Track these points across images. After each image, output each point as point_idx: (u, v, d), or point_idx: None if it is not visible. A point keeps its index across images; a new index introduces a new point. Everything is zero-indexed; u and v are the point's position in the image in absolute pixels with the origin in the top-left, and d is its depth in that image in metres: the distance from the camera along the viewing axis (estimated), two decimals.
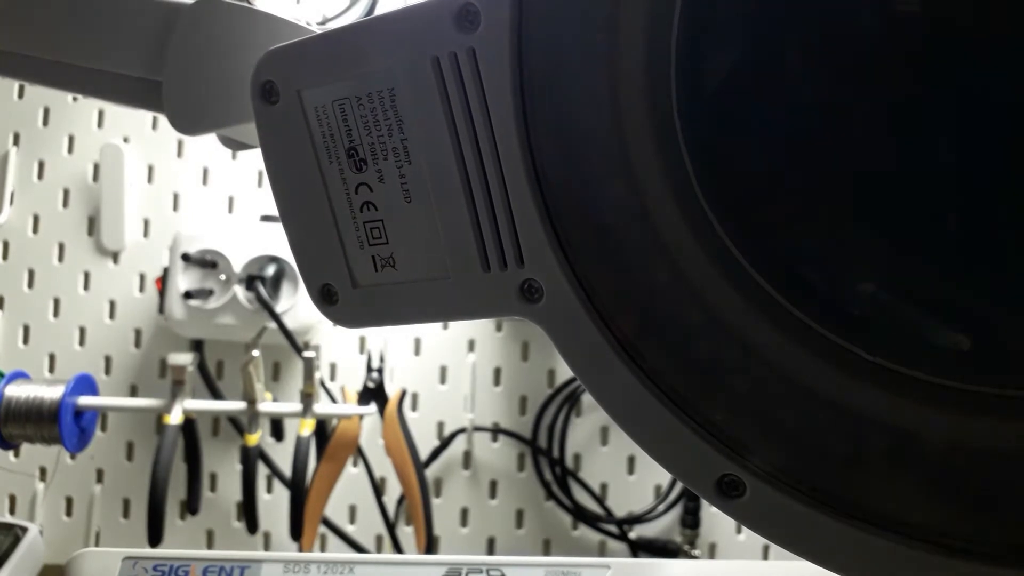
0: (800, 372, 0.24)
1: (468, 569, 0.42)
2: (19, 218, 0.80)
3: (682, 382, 0.25)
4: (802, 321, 0.25)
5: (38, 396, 0.64)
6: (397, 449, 0.71)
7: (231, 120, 0.39)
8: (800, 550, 0.23)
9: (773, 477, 0.23)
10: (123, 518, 0.78)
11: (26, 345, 0.79)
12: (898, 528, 0.23)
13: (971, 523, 0.22)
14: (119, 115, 0.80)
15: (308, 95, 0.27)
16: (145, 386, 0.79)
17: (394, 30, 0.25)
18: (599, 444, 0.78)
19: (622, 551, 0.77)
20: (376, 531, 0.78)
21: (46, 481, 0.78)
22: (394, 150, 0.26)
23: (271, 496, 0.78)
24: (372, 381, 0.73)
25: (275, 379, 0.79)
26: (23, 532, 0.54)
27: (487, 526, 0.78)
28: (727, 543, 0.76)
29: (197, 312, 0.72)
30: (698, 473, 0.24)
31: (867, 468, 0.24)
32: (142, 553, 0.43)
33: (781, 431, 0.24)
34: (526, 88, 0.24)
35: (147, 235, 0.80)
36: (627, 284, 0.25)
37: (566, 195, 0.25)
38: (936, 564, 0.22)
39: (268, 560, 0.43)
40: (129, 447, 0.79)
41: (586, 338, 0.25)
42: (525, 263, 0.25)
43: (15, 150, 0.80)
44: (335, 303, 0.29)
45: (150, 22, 0.39)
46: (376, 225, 0.28)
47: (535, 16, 0.24)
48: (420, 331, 0.78)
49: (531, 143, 0.25)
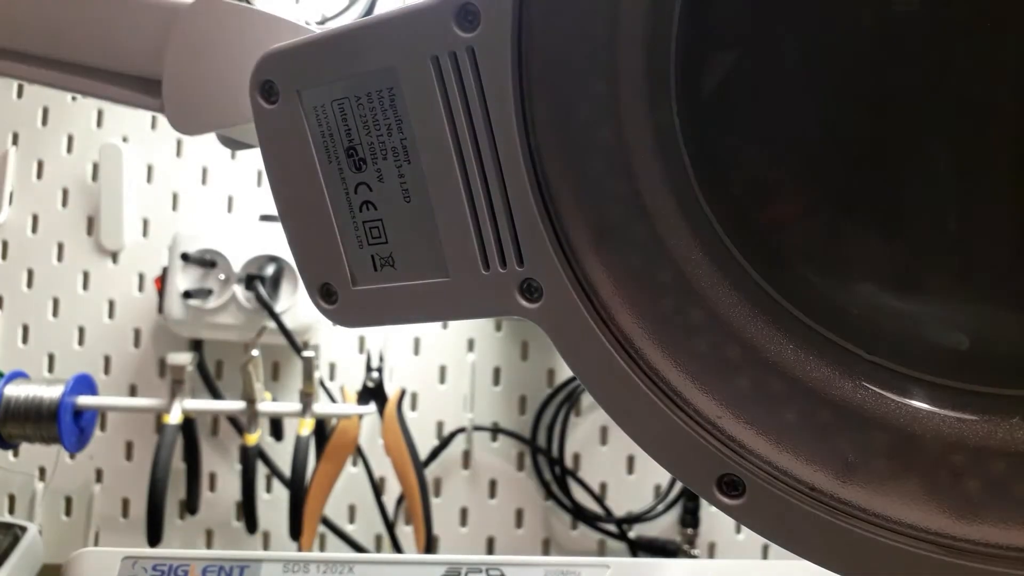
0: (800, 371, 0.24)
1: (467, 569, 0.42)
2: (18, 218, 0.80)
3: (682, 381, 0.25)
4: (801, 320, 0.25)
5: (37, 396, 0.64)
6: (396, 449, 0.71)
7: (230, 120, 0.39)
8: (799, 550, 0.23)
9: (773, 477, 0.23)
10: (122, 518, 0.78)
11: (25, 345, 0.79)
12: (898, 528, 0.23)
13: (971, 522, 0.22)
14: (118, 115, 0.80)
15: (307, 95, 0.27)
16: (144, 386, 0.79)
17: (393, 30, 0.25)
18: (598, 444, 0.78)
19: (621, 551, 0.77)
20: (375, 531, 0.78)
21: (45, 481, 0.78)
22: (393, 150, 0.26)
23: (270, 496, 0.78)
24: (371, 381, 0.73)
25: (274, 379, 0.79)
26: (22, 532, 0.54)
27: (486, 526, 0.78)
28: (726, 543, 0.76)
29: (196, 312, 0.72)
30: (697, 473, 0.24)
31: (867, 467, 0.24)
32: (141, 553, 0.43)
33: (781, 430, 0.24)
34: (526, 88, 0.24)
35: (146, 235, 0.80)
36: (627, 284, 0.25)
37: (566, 195, 0.25)
38: (936, 564, 0.22)
39: (267, 560, 0.43)
40: (128, 447, 0.79)
41: (586, 337, 0.25)
42: (524, 262, 0.25)
43: (14, 150, 0.80)
44: (334, 303, 0.29)
45: (150, 21, 0.39)
46: (375, 225, 0.28)
47: (535, 16, 0.24)
48: (419, 331, 0.78)
49: (531, 143, 0.25)
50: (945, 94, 0.23)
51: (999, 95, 0.23)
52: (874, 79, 0.24)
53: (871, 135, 0.24)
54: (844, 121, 0.25)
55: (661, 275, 0.25)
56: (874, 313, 0.25)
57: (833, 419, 0.24)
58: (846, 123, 0.25)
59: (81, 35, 0.39)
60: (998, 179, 0.24)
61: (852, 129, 0.25)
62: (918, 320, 0.25)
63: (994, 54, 0.23)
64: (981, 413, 0.23)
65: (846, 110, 0.25)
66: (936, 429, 0.23)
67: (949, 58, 0.23)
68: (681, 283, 0.25)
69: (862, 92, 0.24)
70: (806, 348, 0.24)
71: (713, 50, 0.25)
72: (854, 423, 0.24)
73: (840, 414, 0.24)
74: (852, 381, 0.24)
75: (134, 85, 0.39)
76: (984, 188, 0.24)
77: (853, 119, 0.25)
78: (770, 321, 0.25)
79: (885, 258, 0.25)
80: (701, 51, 0.24)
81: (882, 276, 0.25)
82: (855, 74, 0.24)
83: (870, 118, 0.24)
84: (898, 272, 0.25)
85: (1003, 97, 0.23)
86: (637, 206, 0.25)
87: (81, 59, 0.40)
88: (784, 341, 0.25)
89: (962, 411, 0.23)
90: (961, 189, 0.24)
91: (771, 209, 0.26)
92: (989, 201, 0.24)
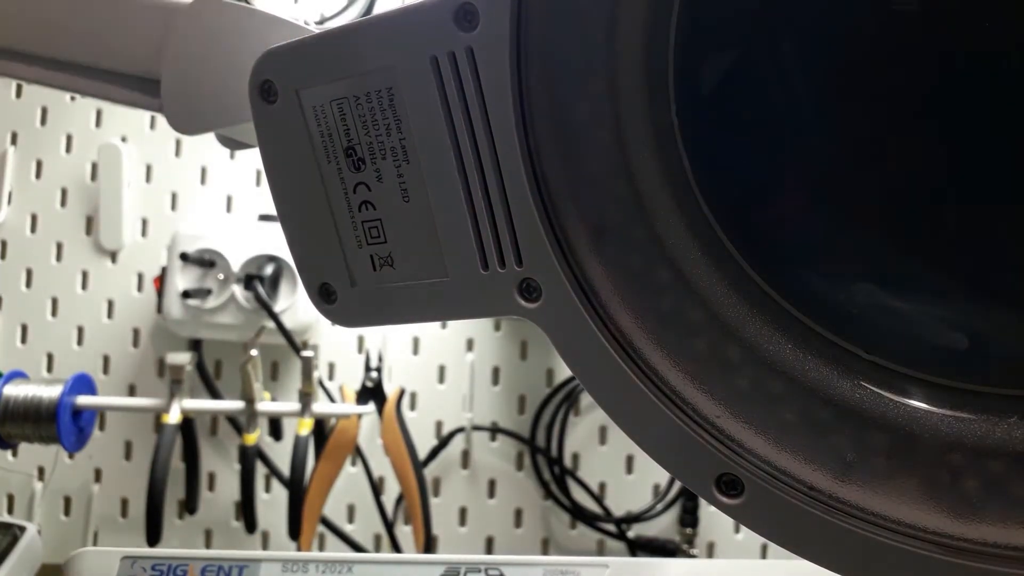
0: (799, 370, 0.24)
1: (466, 568, 0.42)
2: (17, 218, 0.80)
3: (680, 381, 0.25)
4: (800, 320, 0.25)
5: (36, 395, 0.64)
6: (395, 448, 0.71)
7: (229, 119, 0.39)
8: (798, 549, 0.23)
9: (771, 476, 0.24)
10: (121, 517, 0.78)
11: (24, 344, 0.79)
12: (896, 527, 0.23)
13: (969, 522, 0.22)
14: (117, 114, 0.80)
15: (306, 95, 0.27)
16: (143, 385, 0.78)
17: (392, 30, 0.25)
18: (597, 443, 0.78)
19: (620, 550, 0.77)
20: (375, 530, 0.78)
21: (44, 480, 0.78)
22: (392, 150, 0.26)
23: (269, 495, 0.78)
24: (370, 380, 0.73)
25: (273, 378, 0.79)
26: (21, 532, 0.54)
27: (485, 525, 0.78)
28: (725, 542, 0.76)
29: (195, 311, 0.72)
30: (696, 472, 0.24)
31: (865, 467, 0.24)
32: (140, 552, 0.43)
33: (780, 430, 0.24)
34: (524, 88, 0.24)
35: (145, 234, 0.80)
36: (626, 284, 0.25)
37: (564, 194, 0.25)
38: (935, 564, 0.22)
39: (266, 559, 0.43)
40: (127, 446, 0.79)
41: (584, 337, 0.25)
42: (523, 262, 0.25)
43: (13, 150, 0.80)
44: (333, 302, 0.29)
45: (149, 21, 0.39)
46: (374, 224, 0.28)
47: (534, 16, 0.24)
48: (418, 330, 0.78)
49: (529, 143, 0.25)
50: (944, 93, 0.23)
51: (999, 95, 0.23)
52: (873, 78, 0.24)
53: (869, 134, 0.24)
54: (842, 120, 0.25)
55: (660, 275, 0.25)
56: (872, 313, 0.25)
57: (832, 419, 0.24)
58: (844, 122, 0.25)
59: (80, 35, 0.39)
60: (997, 179, 0.24)
61: (850, 128, 0.25)
62: (917, 320, 0.25)
63: (994, 53, 0.23)
64: (979, 413, 0.23)
65: (844, 109, 0.25)
66: (934, 428, 0.23)
67: (948, 57, 0.23)
68: (680, 283, 0.25)
69: (861, 91, 0.24)
70: (805, 348, 0.25)
71: (712, 50, 0.25)
72: (853, 423, 0.24)
73: (839, 414, 0.24)
74: (851, 381, 0.24)
75: (133, 85, 0.39)
76: (983, 188, 0.24)
77: (851, 118, 0.25)
78: (769, 321, 0.25)
79: (883, 258, 0.25)
80: (700, 51, 0.24)
81: (880, 276, 0.25)
82: (854, 73, 0.24)
83: (868, 117, 0.24)
84: (896, 272, 0.25)
85: (1003, 97, 0.23)
86: (636, 206, 0.25)
87: (80, 59, 0.39)
88: (783, 341, 0.25)
89: (960, 411, 0.24)
90: (960, 189, 0.24)
91: (769, 209, 0.26)
92: (988, 201, 0.24)
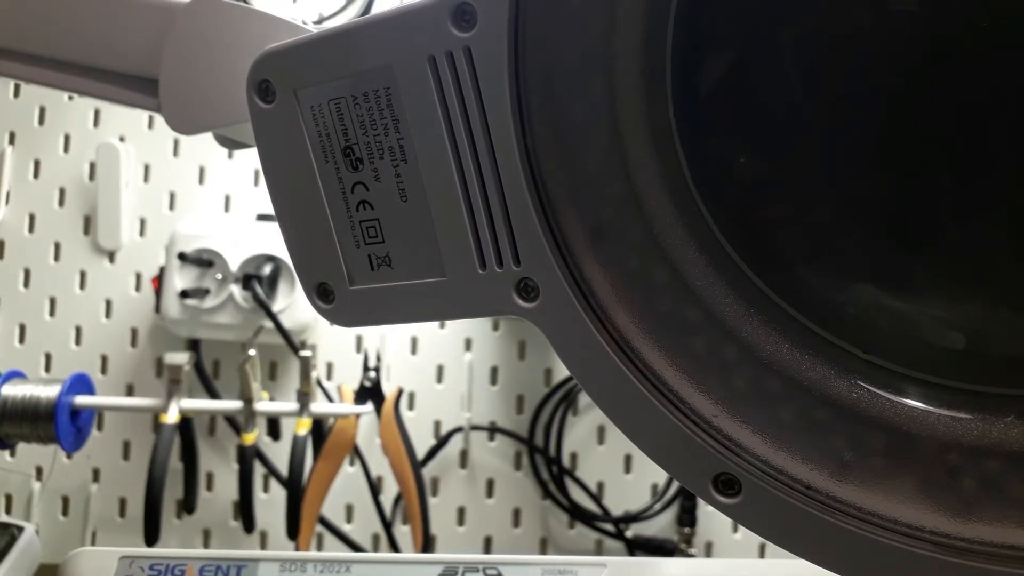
0: (796, 370, 0.24)
1: (465, 568, 0.42)
2: (15, 217, 0.80)
3: (678, 380, 0.25)
4: (797, 320, 0.25)
5: (34, 395, 0.63)
6: (394, 448, 0.71)
7: (227, 119, 0.39)
8: (796, 548, 0.23)
9: (769, 476, 0.24)
10: (119, 517, 0.78)
11: (22, 344, 0.79)
12: (893, 526, 0.23)
13: (966, 521, 0.23)
14: (115, 114, 0.80)
15: (304, 94, 0.27)
16: (141, 385, 0.78)
17: (390, 29, 0.25)
18: (596, 443, 0.78)
19: (619, 550, 0.77)
20: (373, 530, 0.78)
21: (42, 480, 0.78)
22: (390, 149, 0.26)
23: (268, 495, 0.78)
24: (369, 380, 0.73)
25: (272, 378, 0.79)
26: (19, 531, 0.54)
27: (484, 525, 0.78)
28: (724, 542, 0.76)
29: (193, 311, 0.72)
30: (694, 472, 0.24)
31: (862, 466, 0.24)
32: (138, 552, 0.43)
33: (777, 429, 0.24)
34: (522, 87, 0.24)
35: (143, 234, 0.80)
36: (624, 283, 0.25)
37: (562, 194, 0.25)
38: (932, 563, 0.22)
39: (265, 559, 0.43)
40: (125, 446, 0.79)
41: (582, 337, 0.25)
42: (521, 262, 0.25)
43: (11, 149, 0.80)
44: (331, 302, 0.29)
45: (147, 20, 0.39)
46: (372, 224, 0.28)
47: (532, 16, 0.24)
48: (417, 330, 0.78)
49: (527, 143, 0.25)
50: (944, 94, 0.23)
51: (998, 95, 0.23)
52: (872, 79, 0.24)
53: (868, 135, 0.24)
54: (840, 121, 0.25)
55: (657, 274, 0.25)
56: (870, 312, 0.25)
57: (829, 418, 0.24)
58: (842, 123, 0.25)
59: (78, 34, 0.39)
60: (995, 179, 0.24)
61: (848, 130, 0.25)
62: (914, 319, 0.25)
63: (993, 53, 0.23)
64: (976, 412, 0.23)
65: (843, 110, 0.25)
66: (931, 428, 0.24)
67: (948, 58, 0.23)
68: (677, 282, 0.25)
69: (859, 92, 0.24)
70: (802, 347, 0.25)
71: (710, 50, 0.25)
72: (850, 422, 0.24)
73: (836, 413, 0.24)
74: (848, 380, 0.24)
75: (131, 84, 0.39)
76: (981, 188, 0.24)
77: (850, 120, 0.25)
78: (766, 320, 0.25)
79: (881, 258, 0.25)
80: (698, 51, 0.24)
81: (878, 276, 0.25)
82: (853, 74, 0.24)
83: (866, 118, 0.24)
84: (894, 272, 0.25)
85: (1002, 97, 0.23)
86: (633, 206, 0.25)
87: (78, 58, 0.39)
88: (780, 340, 0.25)
89: (957, 410, 0.24)
90: (958, 189, 0.24)
91: (767, 209, 0.26)
92: (986, 201, 0.24)
